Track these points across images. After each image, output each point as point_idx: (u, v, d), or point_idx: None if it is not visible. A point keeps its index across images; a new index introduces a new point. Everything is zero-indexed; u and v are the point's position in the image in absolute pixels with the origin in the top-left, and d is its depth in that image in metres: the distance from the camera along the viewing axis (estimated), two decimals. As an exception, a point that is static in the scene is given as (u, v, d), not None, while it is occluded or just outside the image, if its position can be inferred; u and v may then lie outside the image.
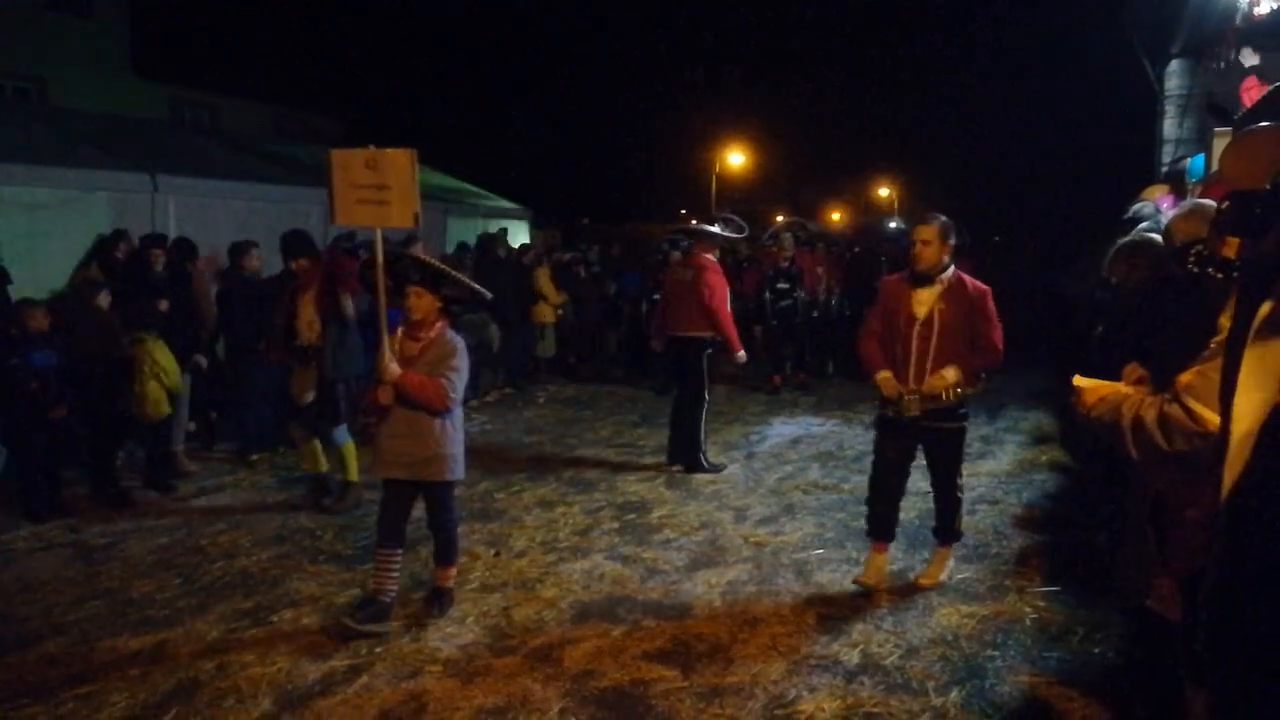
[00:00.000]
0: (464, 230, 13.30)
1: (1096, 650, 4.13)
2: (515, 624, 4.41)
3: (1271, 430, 1.41)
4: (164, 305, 6.92)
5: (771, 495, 6.62)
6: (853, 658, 4.05)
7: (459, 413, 4.46)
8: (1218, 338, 2.41)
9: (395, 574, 4.44)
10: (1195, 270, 2.95)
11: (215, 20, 20.86)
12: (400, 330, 4.48)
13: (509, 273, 11.02)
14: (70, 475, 6.56)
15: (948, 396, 4.52)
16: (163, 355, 6.70)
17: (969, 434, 8.43)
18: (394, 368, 4.24)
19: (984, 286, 4.58)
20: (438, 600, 4.55)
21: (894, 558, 5.30)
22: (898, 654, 4.09)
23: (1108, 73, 15.27)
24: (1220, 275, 2.83)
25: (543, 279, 11.44)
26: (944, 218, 4.67)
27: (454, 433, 4.41)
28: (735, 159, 36.69)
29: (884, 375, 4.63)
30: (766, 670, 3.93)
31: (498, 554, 5.40)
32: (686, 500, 6.51)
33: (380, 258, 4.35)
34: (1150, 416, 2.12)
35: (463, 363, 4.35)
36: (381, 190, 4.29)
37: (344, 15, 27.39)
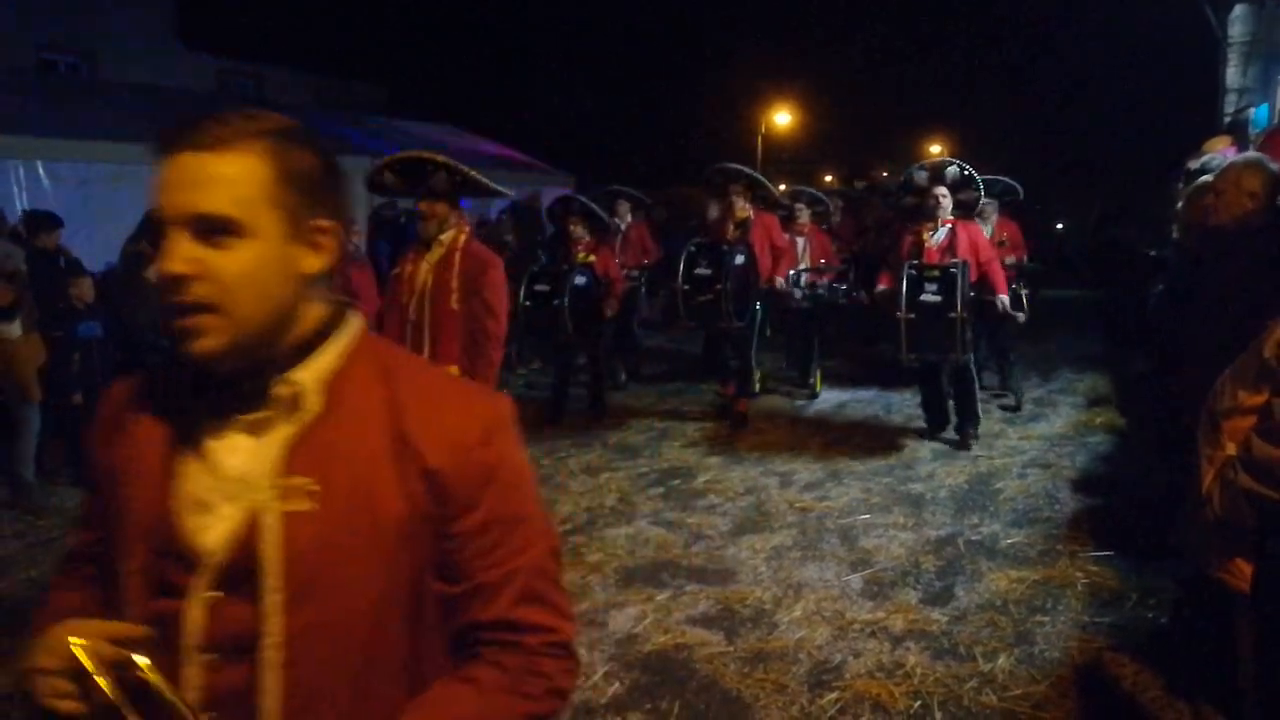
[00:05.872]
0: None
1: (1150, 615, 4.05)
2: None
3: None
4: None
5: (817, 460, 6.57)
6: (898, 623, 4.02)
7: None
8: None
9: None
10: None
11: (259, -11, 20.96)
12: None
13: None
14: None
15: None
16: None
17: (1022, 396, 8.36)
18: None
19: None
20: None
21: (941, 522, 5.25)
22: (945, 619, 4.05)
23: (1168, 19, 14.67)
24: None
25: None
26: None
27: None
28: (782, 119, 36.03)
29: None
30: (811, 635, 3.93)
31: (543, 519, 5.44)
32: (731, 466, 6.49)
33: None
34: (1263, 450, 2.09)
35: None
36: None
37: (386, -18, 27.35)
